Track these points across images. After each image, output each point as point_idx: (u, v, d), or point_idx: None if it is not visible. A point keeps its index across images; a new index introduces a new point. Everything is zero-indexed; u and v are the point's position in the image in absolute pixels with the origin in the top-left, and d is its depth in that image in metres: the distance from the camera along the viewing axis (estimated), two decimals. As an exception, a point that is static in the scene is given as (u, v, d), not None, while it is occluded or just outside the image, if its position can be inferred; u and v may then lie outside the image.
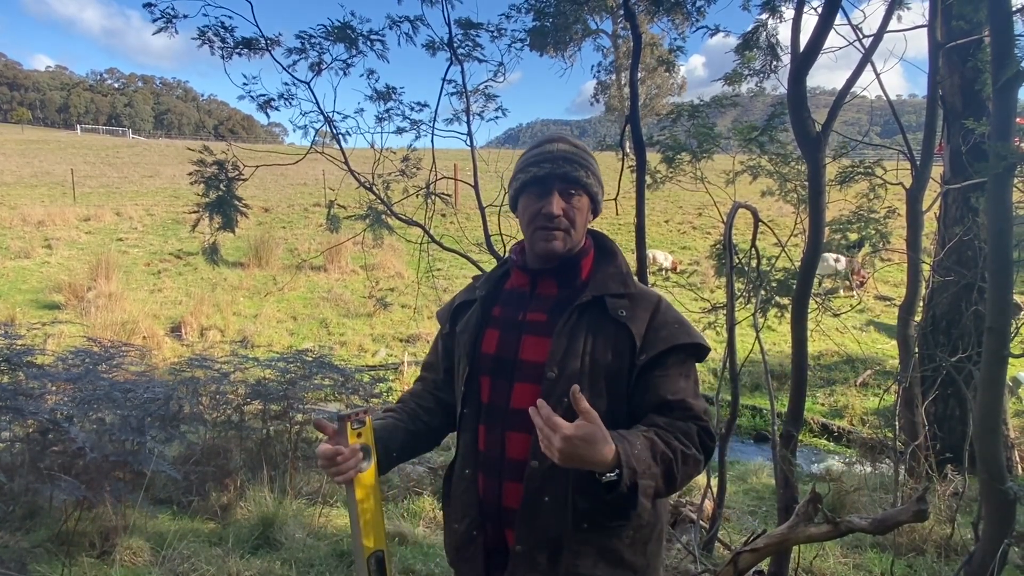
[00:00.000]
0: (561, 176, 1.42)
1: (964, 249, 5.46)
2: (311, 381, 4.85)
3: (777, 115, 4.46)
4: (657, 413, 1.37)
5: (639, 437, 1.27)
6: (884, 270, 12.90)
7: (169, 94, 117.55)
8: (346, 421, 1.36)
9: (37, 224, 16.46)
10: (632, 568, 1.42)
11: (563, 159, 1.43)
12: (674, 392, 1.38)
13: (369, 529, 1.38)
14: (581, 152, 1.46)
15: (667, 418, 1.36)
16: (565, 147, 1.45)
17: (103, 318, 10.83)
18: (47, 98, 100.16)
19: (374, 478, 1.40)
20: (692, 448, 1.33)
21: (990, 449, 2.55)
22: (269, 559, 3.52)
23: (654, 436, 1.29)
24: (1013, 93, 2.29)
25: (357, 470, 1.36)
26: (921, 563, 3.86)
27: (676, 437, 1.32)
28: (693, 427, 1.36)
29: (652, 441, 1.28)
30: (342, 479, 1.35)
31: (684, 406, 1.37)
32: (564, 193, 1.43)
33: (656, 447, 1.27)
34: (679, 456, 1.30)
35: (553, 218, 1.41)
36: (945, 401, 5.86)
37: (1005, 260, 2.41)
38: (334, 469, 1.33)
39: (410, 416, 1.58)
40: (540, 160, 1.44)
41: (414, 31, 4.19)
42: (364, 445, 1.38)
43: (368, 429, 1.40)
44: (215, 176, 4.24)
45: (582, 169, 1.43)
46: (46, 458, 3.32)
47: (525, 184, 1.46)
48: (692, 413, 1.37)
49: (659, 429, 1.32)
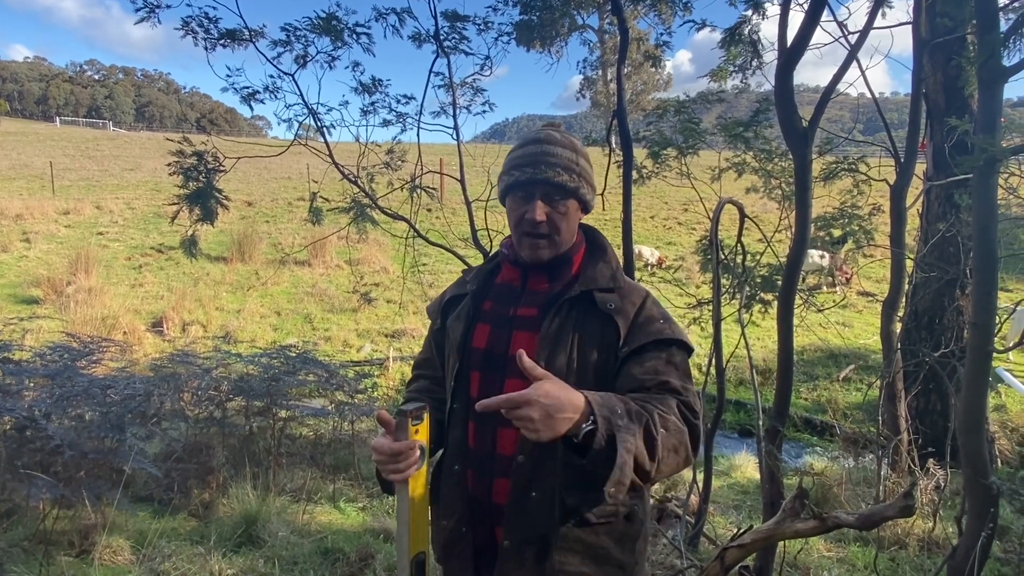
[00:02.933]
0: (543, 182, 1.39)
1: (947, 245, 5.51)
2: (295, 377, 4.81)
3: (762, 111, 4.47)
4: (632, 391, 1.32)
5: (610, 396, 1.21)
6: (867, 267, 13.02)
7: (150, 86, 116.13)
8: (407, 417, 1.30)
9: (15, 218, 16.19)
10: (620, 566, 1.42)
11: (547, 163, 1.39)
12: (653, 373, 1.34)
13: (417, 531, 1.35)
14: (567, 152, 1.42)
15: (642, 393, 1.31)
16: (553, 149, 1.41)
17: (82, 313, 10.68)
18: (25, 89, 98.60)
19: (425, 477, 1.36)
20: (673, 417, 1.26)
21: (974, 444, 2.57)
22: (252, 557, 3.48)
23: (627, 399, 1.24)
24: (998, 88, 2.29)
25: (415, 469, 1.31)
26: (904, 556, 3.90)
27: (651, 403, 1.27)
28: (672, 400, 1.31)
29: (624, 401, 1.22)
30: (399, 478, 1.29)
31: (661, 383, 1.33)
32: (548, 199, 1.40)
33: (629, 406, 1.21)
34: (656, 417, 1.22)
35: (536, 224, 1.39)
36: (927, 396, 5.92)
37: (989, 256, 2.42)
38: (392, 466, 1.27)
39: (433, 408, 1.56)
40: (524, 163, 1.41)
41: (400, 23, 4.16)
42: (420, 443, 1.33)
43: (425, 426, 1.34)
44: (194, 167, 4.18)
45: (566, 173, 1.40)
46: (23, 456, 3.25)
47: (509, 187, 1.44)
48: (669, 386, 1.33)
49: (636, 398, 1.27)
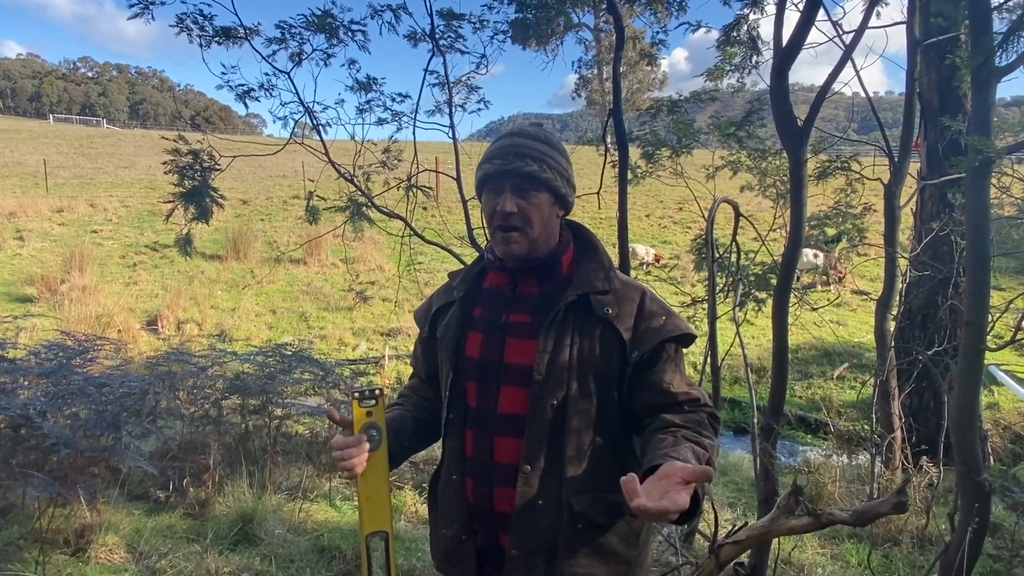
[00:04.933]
0: (512, 172, 1.36)
1: (940, 244, 5.53)
2: (291, 375, 4.80)
3: (755, 111, 4.48)
4: (663, 410, 1.36)
5: (686, 450, 1.22)
6: (861, 265, 13.07)
7: (144, 83, 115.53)
8: (354, 399, 1.31)
9: (8, 215, 16.10)
10: (625, 561, 1.42)
11: (517, 154, 1.36)
12: (674, 385, 1.38)
13: (373, 509, 1.35)
14: (539, 145, 1.39)
15: (679, 415, 1.35)
16: (523, 141, 1.39)
17: (77, 311, 10.64)
18: (18, 86, 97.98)
19: (384, 459, 1.36)
20: (711, 437, 1.33)
21: (967, 441, 2.59)
22: (248, 555, 3.48)
23: (691, 445, 1.26)
24: (992, 88, 2.31)
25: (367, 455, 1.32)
26: (897, 553, 3.93)
27: (700, 433, 1.31)
28: (704, 416, 1.36)
29: (693, 448, 1.25)
30: (351, 474, 1.30)
31: (689, 398, 1.38)
32: (518, 190, 1.37)
33: (698, 453, 1.24)
34: (712, 451, 1.29)
35: (506, 216, 1.36)
36: (921, 394, 5.95)
37: (983, 254, 2.44)
38: (344, 463, 1.28)
39: (415, 405, 1.56)
40: (494, 156, 1.39)
41: (396, 21, 4.15)
42: (374, 424, 1.33)
43: (380, 408, 1.34)
44: (189, 166, 4.17)
45: (536, 163, 1.36)
46: (18, 454, 3.24)
47: (481, 181, 1.42)
48: (699, 403, 1.38)
49: (684, 430, 1.30)
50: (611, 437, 1.40)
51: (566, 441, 1.36)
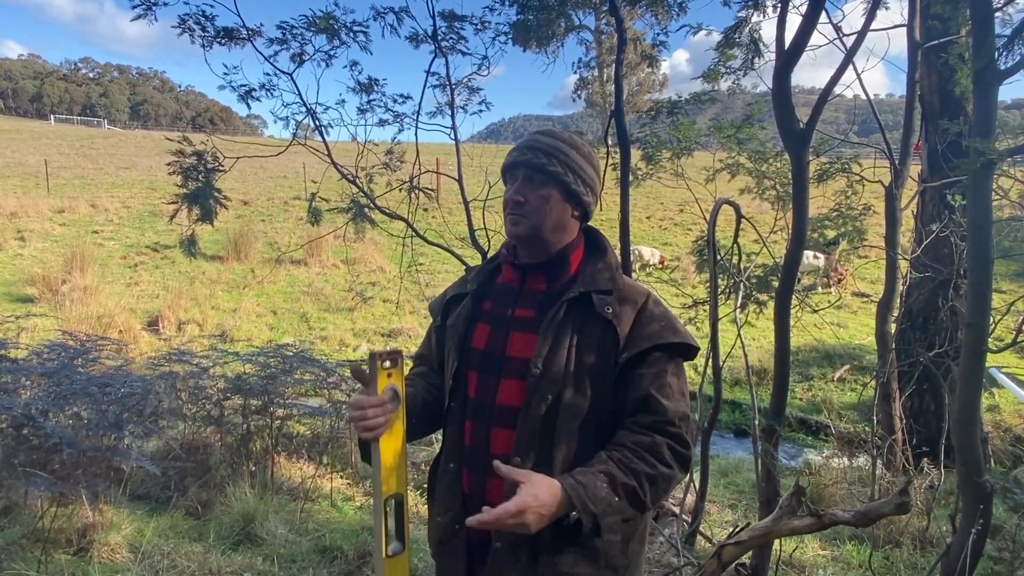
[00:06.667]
0: (524, 163, 1.43)
1: (940, 246, 5.54)
2: (292, 376, 4.80)
3: (754, 114, 4.49)
4: (632, 415, 1.37)
5: (597, 475, 1.27)
6: (862, 267, 13.07)
7: (145, 84, 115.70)
8: (376, 360, 1.31)
9: (10, 216, 16.10)
10: (613, 567, 1.41)
11: (531, 148, 1.44)
12: (652, 391, 1.36)
13: (390, 472, 1.36)
14: (556, 142, 1.45)
15: (634, 434, 1.35)
16: (542, 137, 1.47)
17: (78, 312, 10.63)
18: (19, 87, 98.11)
19: (402, 422, 1.38)
20: (660, 466, 1.31)
21: (968, 443, 2.59)
22: (250, 555, 3.49)
23: (614, 468, 1.29)
24: (994, 91, 2.31)
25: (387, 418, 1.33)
26: (898, 555, 3.92)
27: (641, 457, 1.31)
28: (662, 440, 1.33)
29: (611, 475, 1.27)
30: (370, 436, 1.31)
31: (659, 410, 1.35)
32: (528, 180, 1.43)
33: (616, 480, 1.27)
34: (643, 479, 1.29)
35: (515, 204, 1.43)
36: (921, 396, 5.96)
37: (984, 256, 2.44)
38: (364, 423, 1.30)
39: (424, 388, 1.57)
40: (515, 148, 1.48)
41: (398, 23, 4.16)
42: (394, 386, 1.34)
43: (399, 372, 1.35)
44: (194, 167, 4.18)
45: (547, 157, 1.42)
46: (21, 454, 3.24)
47: (502, 171, 1.51)
48: (665, 419, 1.35)
49: (623, 451, 1.31)
50: (604, 436, 1.39)
51: (557, 436, 1.37)
